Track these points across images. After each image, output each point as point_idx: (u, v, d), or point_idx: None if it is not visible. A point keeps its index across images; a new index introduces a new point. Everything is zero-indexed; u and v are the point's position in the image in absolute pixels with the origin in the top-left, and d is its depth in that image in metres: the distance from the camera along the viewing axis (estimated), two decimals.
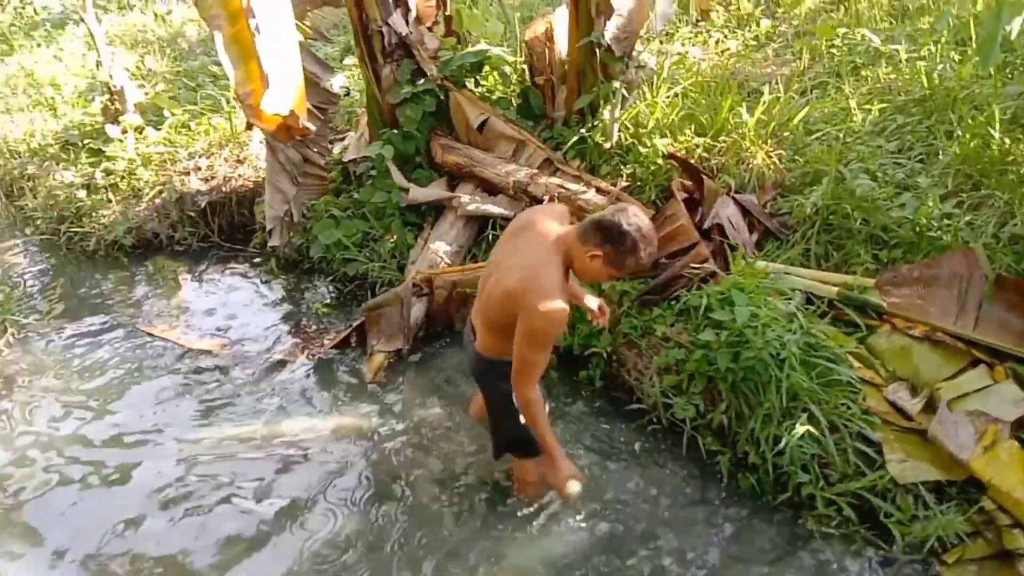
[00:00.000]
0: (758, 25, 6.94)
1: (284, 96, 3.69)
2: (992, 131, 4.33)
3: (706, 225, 4.32)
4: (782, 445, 3.33)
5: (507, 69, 5.68)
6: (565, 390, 4.25)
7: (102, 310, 5.54)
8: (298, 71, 3.83)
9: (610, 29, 4.59)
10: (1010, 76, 4.97)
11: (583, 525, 3.46)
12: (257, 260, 5.98)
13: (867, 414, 3.41)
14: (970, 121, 4.50)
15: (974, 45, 5.39)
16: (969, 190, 4.21)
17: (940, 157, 4.45)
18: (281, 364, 4.74)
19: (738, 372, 3.56)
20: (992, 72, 4.72)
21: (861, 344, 3.69)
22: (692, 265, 4.06)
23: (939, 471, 3.19)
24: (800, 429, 3.27)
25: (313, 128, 3.10)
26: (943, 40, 5.58)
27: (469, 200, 5.09)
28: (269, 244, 5.55)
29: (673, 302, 4.06)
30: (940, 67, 5.20)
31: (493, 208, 5.02)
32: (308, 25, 5.65)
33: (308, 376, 4.62)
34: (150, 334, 5.07)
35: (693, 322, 3.88)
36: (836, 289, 3.88)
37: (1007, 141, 4.28)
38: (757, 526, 3.38)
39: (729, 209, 4.39)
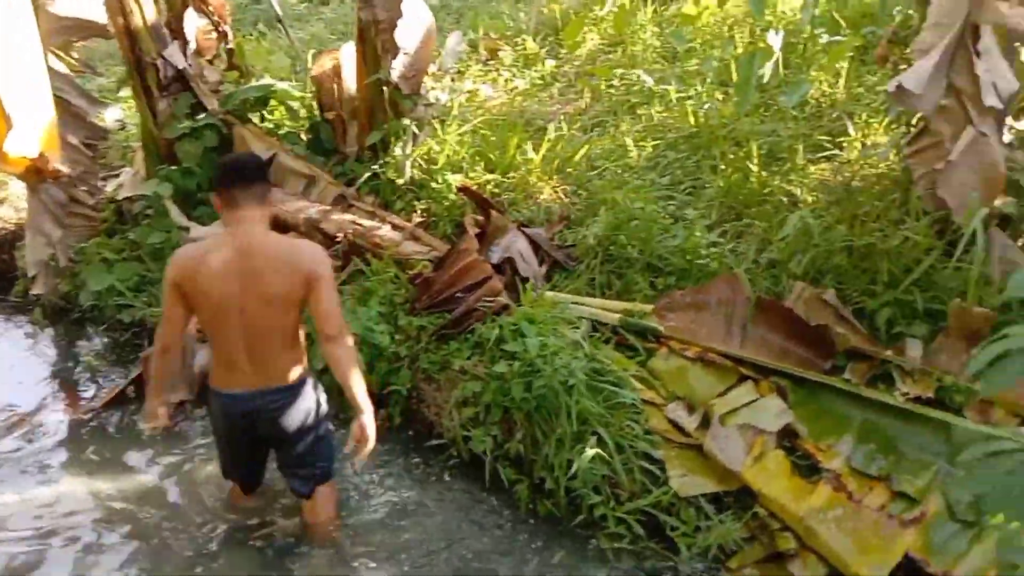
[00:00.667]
0: (544, 65, 7.24)
1: (31, 137, 3.39)
2: (751, 165, 4.76)
3: (496, 259, 4.41)
4: (574, 469, 3.43)
5: (295, 104, 5.57)
6: None
7: None
8: (48, 109, 3.55)
9: (396, 67, 4.64)
10: (765, 115, 5.49)
11: (385, 563, 3.39)
12: (19, 310, 5.44)
13: (650, 433, 3.59)
14: (731, 157, 4.92)
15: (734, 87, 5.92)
16: (732, 220, 4.59)
17: (707, 190, 4.82)
18: (49, 426, 4.31)
19: (531, 401, 3.64)
20: (749, 111, 5.19)
21: (642, 367, 3.89)
22: (486, 298, 4.13)
23: (716, 483, 3.41)
24: (589, 452, 3.39)
25: (66, 170, 2.85)
26: (709, 81, 6.07)
27: None
28: (32, 292, 5.08)
29: (469, 335, 4.11)
30: (706, 106, 5.65)
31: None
32: (76, 57, 5.28)
33: (80, 437, 4.22)
34: None
35: (488, 354, 3.94)
36: (618, 316, 4.08)
37: (764, 174, 4.71)
38: (554, 550, 3.44)
39: (519, 242, 4.52)
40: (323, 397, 3.36)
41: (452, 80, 6.91)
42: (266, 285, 2.97)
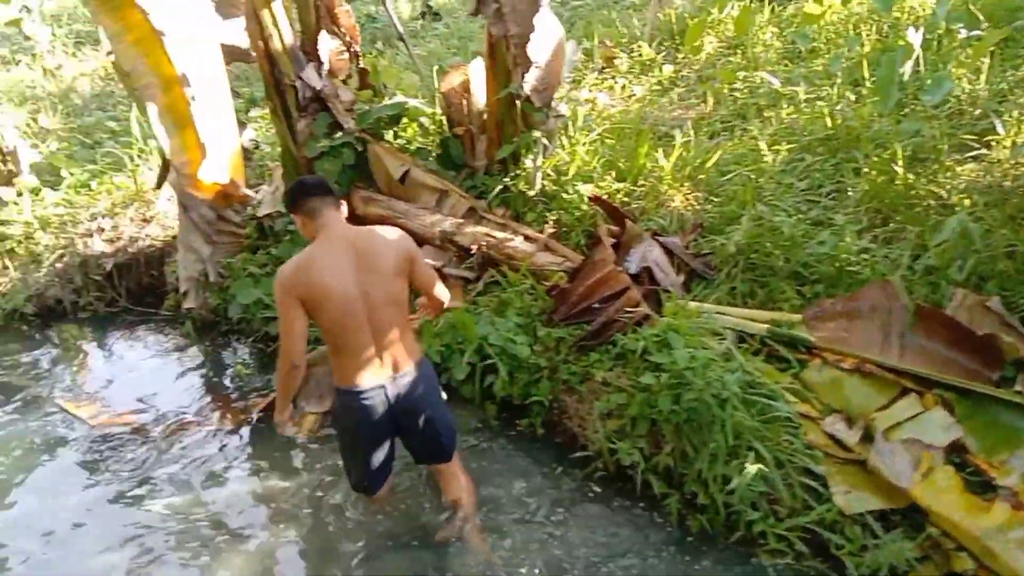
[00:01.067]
0: (661, 71, 7.17)
1: (222, 164, 3.56)
2: (896, 167, 4.58)
3: (634, 269, 4.38)
4: (733, 485, 3.36)
5: (425, 120, 5.67)
6: (506, 441, 4.19)
7: (4, 387, 5.18)
8: (235, 137, 3.72)
9: (529, 81, 4.65)
10: (902, 115, 5.27)
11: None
12: (170, 324, 5.72)
13: (809, 448, 3.49)
14: (875, 159, 4.74)
15: (868, 85, 5.72)
16: (880, 224, 4.42)
17: (850, 194, 4.67)
18: (204, 434, 4.51)
19: (681, 414, 3.59)
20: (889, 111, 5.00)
21: (795, 379, 3.79)
22: (626, 309, 4.10)
23: (882, 500, 3.28)
24: (751, 468, 3.31)
25: (254, 195, 2.98)
26: (839, 80, 5.89)
27: None
28: (184, 306, 5.33)
29: (610, 346, 4.09)
30: (839, 107, 5.48)
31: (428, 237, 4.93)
32: None
33: (234, 444, 4.41)
34: (65, 410, 4.75)
35: (631, 365, 3.91)
36: (765, 326, 3.99)
37: (910, 176, 4.53)
38: (712, 566, 3.39)
39: (655, 251, 4.48)
40: None
41: (568, 90, 6.92)
42: (379, 267, 3.17)
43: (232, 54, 5.29)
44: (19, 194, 6.51)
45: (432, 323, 4.42)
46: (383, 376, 3.24)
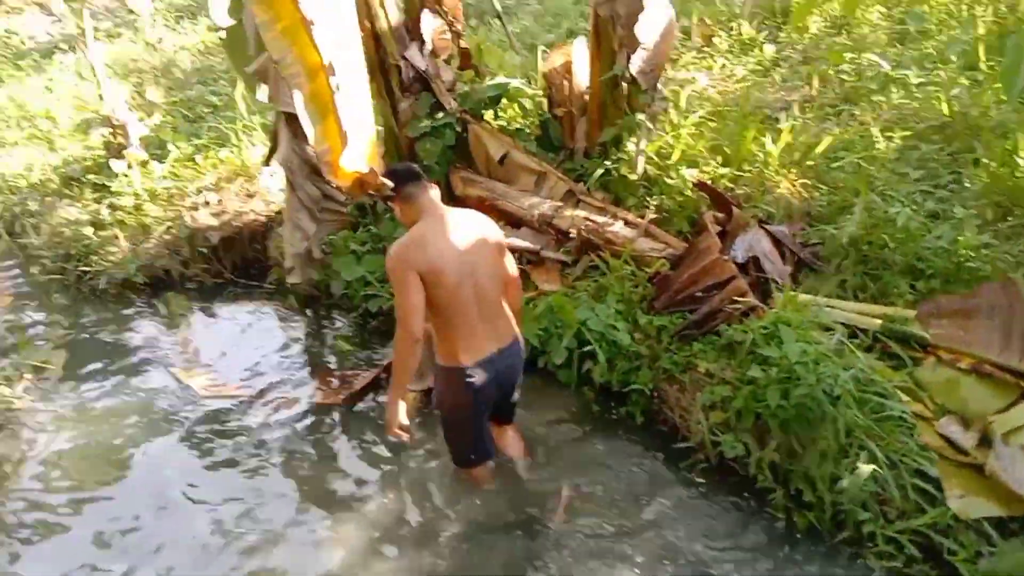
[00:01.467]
0: (762, 51, 6.98)
1: (361, 152, 3.65)
2: (1019, 159, 4.38)
3: (740, 258, 4.31)
4: (843, 484, 3.30)
5: (525, 101, 5.65)
6: (605, 429, 4.20)
7: (117, 353, 5.42)
8: (371, 126, 3.79)
9: (635, 62, 4.59)
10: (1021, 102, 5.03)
11: (647, 567, 3.41)
12: (273, 297, 5.88)
13: (923, 449, 3.40)
14: (996, 149, 4.55)
15: (984, 69, 5.47)
16: (1001, 219, 4.24)
17: (968, 185, 4.49)
18: (307, 408, 4.64)
19: (789, 409, 3.53)
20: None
21: (908, 378, 3.68)
22: (732, 299, 4.04)
23: (1000, 507, 3.18)
24: (864, 468, 3.24)
25: (390, 183, 3.08)
26: (953, 64, 5.65)
27: None
28: (289, 281, 5.46)
29: (714, 337, 4.04)
30: (954, 92, 5.25)
31: (518, 242, 4.96)
32: None
33: (338, 419, 4.52)
34: (177, 379, 4.95)
35: (737, 357, 3.86)
36: (878, 322, 3.89)
37: None
38: (818, 565, 3.34)
39: (763, 241, 4.39)
40: None
41: (667, 69, 6.80)
42: (481, 246, 3.33)
43: None
44: (129, 166, 6.74)
45: (531, 305, 4.44)
46: (492, 349, 3.38)
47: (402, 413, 3.34)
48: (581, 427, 4.20)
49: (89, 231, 6.38)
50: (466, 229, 3.33)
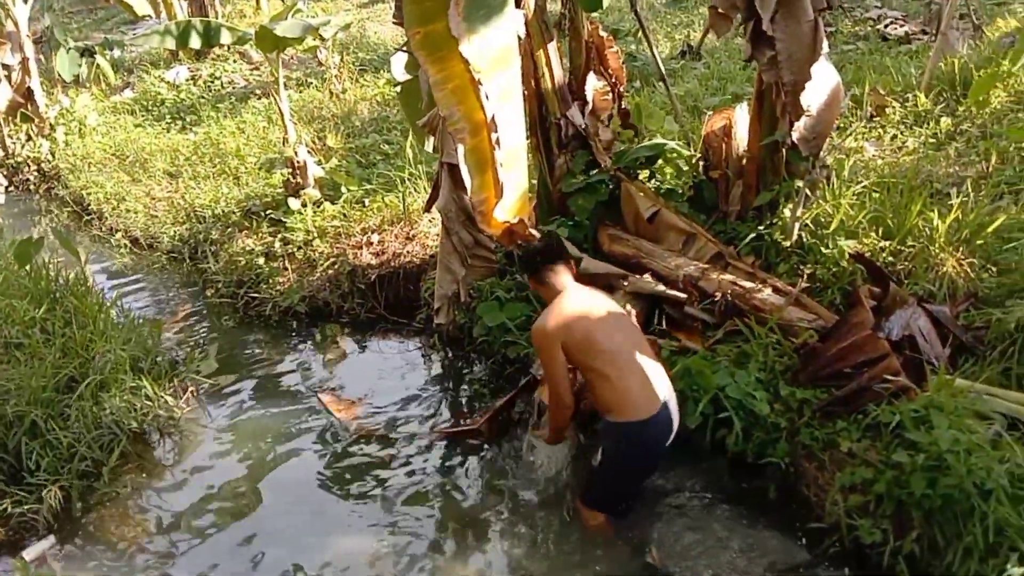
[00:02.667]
0: (938, 123, 6.70)
1: (514, 204, 3.89)
2: None
3: (895, 335, 4.11)
4: None
5: (681, 163, 5.68)
6: (735, 500, 4.09)
7: (275, 375, 5.82)
8: (525, 179, 4.00)
9: (798, 129, 4.53)
10: None
11: None
12: (419, 335, 6.13)
13: None
14: None
15: None
16: None
17: None
18: (444, 445, 4.78)
19: (935, 499, 3.33)
20: None
21: None
22: (882, 378, 3.86)
23: None
24: (1015, 572, 3.00)
25: (536, 233, 3.29)
26: None
27: (641, 279, 5.00)
28: (435, 322, 5.69)
29: (859, 416, 3.87)
30: None
31: (664, 288, 4.91)
32: None
33: (472, 456, 4.65)
34: (326, 408, 5.23)
35: (883, 439, 3.68)
36: None
37: None
38: None
39: (921, 319, 4.18)
40: None
41: (833, 137, 6.64)
42: (620, 314, 3.74)
43: None
44: (304, 205, 7.26)
45: (668, 365, 4.40)
46: (660, 401, 3.53)
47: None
48: (710, 497, 4.10)
49: (261, 261, 6.91)
50: (603, 301, 3.70)
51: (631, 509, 3.86)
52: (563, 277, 3.73)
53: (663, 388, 3.60)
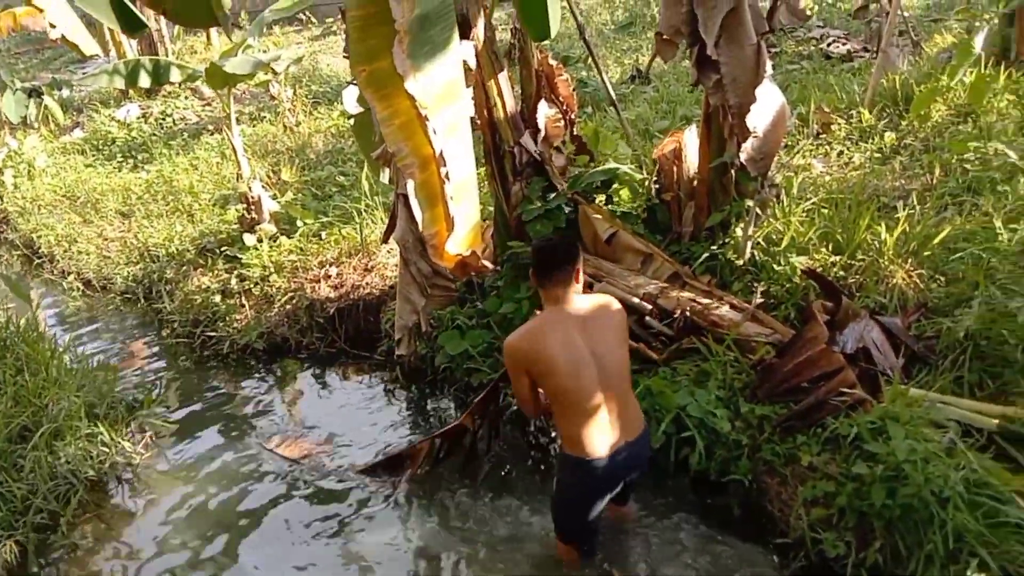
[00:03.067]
0: (882, 138, 6.88)
1: (465, 237, 3.89)
2: None
3: (850, 348, 4.19)
4: None
5: (636, 186, 5.75)
6: (699, 518, 4.11)
7: (235, 415, 5.74)
8: (476, 212, 4.01)
9: (746, 150, 4.61)
10: None
11: None
12: (381, 367, 6.09)
13: None
14: None
15: None
16: None
17: None
18: (409, 480, 4.74)
19: (895, 509, 3.38)
20: None
21: None
22: (839, 391, 3.92)
23: None
24: None
25: (490, 265, 3.26)
26: None
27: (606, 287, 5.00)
28: (396, 353, 5.66)
29: (819, 430, 3.92)
30: None
31: (632, 297, 4.93)
32: None
33: (435, 490, 4.61)
34: (272, 452, 5.16)
35: (842, 452, 3.73)
36: (996, 421, 3.68)
37: None
38: None
39: (874, 332, 4.26)
40: None
41: (780, 155, 6.77)
42: (608, 338, 3.40)
43: None
44: (259, 240, 7.20)
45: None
46: (620, 440, 3.40)
47: None
48: (674, 516, 4.11)
49: (218, 299, 6.84)
50: (590, 319, 3.40)
51: (591, 541, 3.76)
52: (555, 291, 3.41)
53: (622, 431, 3.41)
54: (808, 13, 11.64)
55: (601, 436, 3.35)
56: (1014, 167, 5.63)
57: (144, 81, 7.27)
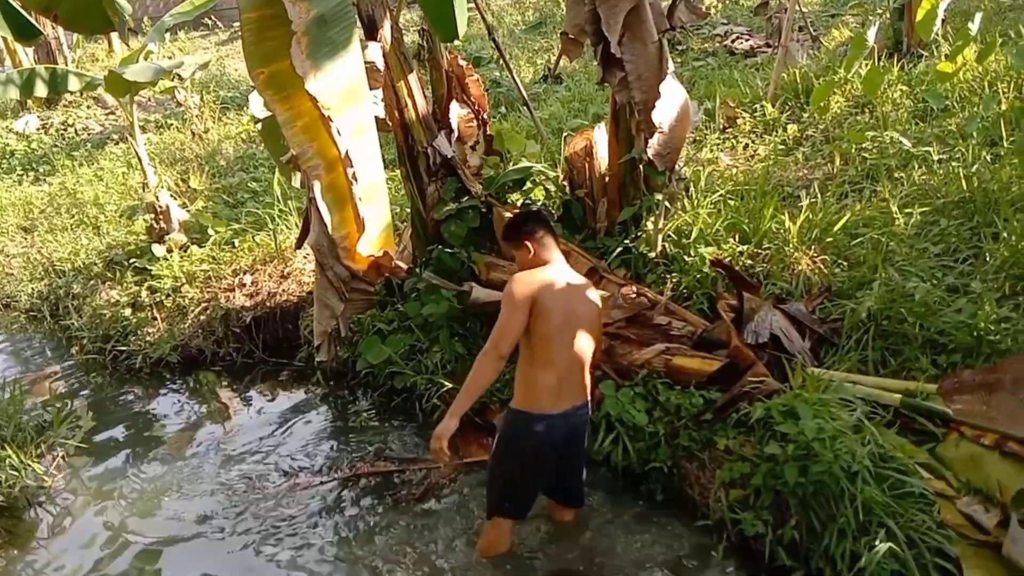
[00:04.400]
0: (785, 130, 7.11)
1: (376, 238, 3.86)
2: None
3: (763, 338, 4.31)
4: (861, 563, 3.24)
5: (549, 184, 5.81)
6: (627, 507, 4.17)
7: (147, 431, 5.58)
8: (387, 213, 3.98)
9: (652, 145, 4.71)
10: None
11: None
12: (302, 375, 6.00)
13: (942, 527, 3.33)
14: (1016, 223, 4.55)
15: (1006, 145, 5.51)
16: (1021, 292, 4.22)
17: (988, 260, 4.48)
18: (329, 487, 4.66)
19: (807, 486, 3.50)
20: None
21: (930, 454, 3.63)
22: (752, 383, 4.04)
23: None
24: (881, 547, 3.19)
25: (403, 265, 3.25)
26: (974, 141, 5.69)
27: None
28: (316, 360, 5.59)
29: (733, 414, 4.03)
30: (975, 168, 5.28)
31: None
32: None
33: (348, 497, 4.56)
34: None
35: (756, 434, 3.85)
36: (898, 396, 3.85)
37: None
38: None
39: (778, 319, 4.40)
40: None
41: (688, 150, 6.94)
42: (587, 309, 3.57)
43: None
44: (169, 250, 7.01)
45: None
46: (568, 404, 3.50)
47: (450, 432, 3.37)
48: (603, 505, 4.17)
49: (128, 312, 6.63)
50: (580, 287, 3.58)
51: (521, 510, 3.73)
52: (553, 252, 3.59)
53: (577, 395, 3.55)
54: (707, 11, 11.95)
55: (561, 393, 3.47)
56: (908, 154, 5.90)
57: (40, 90, 7.00)
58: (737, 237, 5.18)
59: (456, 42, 5.86)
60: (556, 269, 3.56)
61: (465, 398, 3.38)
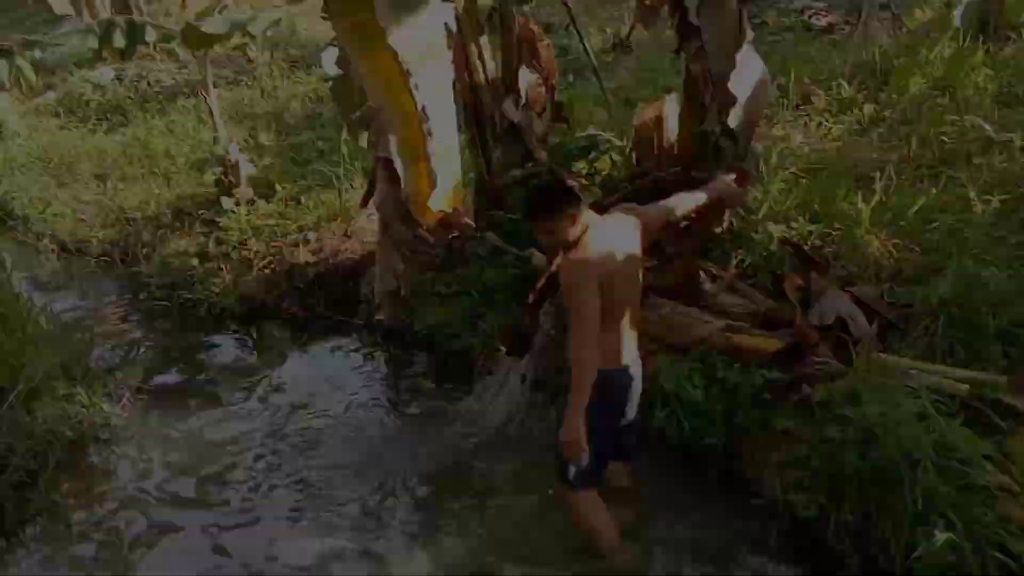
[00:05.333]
0: (861, 110, 6.91)
1: (448, 194, 3.86)
2: None
3: (827, 320, 4.23)
4: (919, 552, 3.19)
5: (615, 154, 5.75)
6: (679, 483, 4.18)
7: (210, 378, 5.74)
8: (458, 172, 3.99)
9: (727, 118, 4.62)
10: None
11: None
12: (361, 332, 6.09)
13: (1006, 522, 3.25)
14: None
15: None
16: None
17: None
18: (386, 439, 4.77)
19: (866, 472, 3.45)
20: None
21: (998, 447, 3.54)
22: (815, 365, 3.97)
23: None
24: (941, 537, 3.13)
25: (471, 223, 3.24)
26: None
27: None
28: (376, 318, 5.67)
29: (792, 394, 3.98)
30: None
31: None
32: None
33: (409, 446, 4.67)
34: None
35: (816, 416, 3.79)
36: (966, 387, 3.75)
37: None
38: None
39: (846, 302, 4.31)
40: None
41: (762, 125, 6.79)
42: (633, 259, 3.49)
43: None
44: (237, 204, 7.15)
45: None
46: (630, 358, 3.53)
47: (580, 431, 3.27)
48: (654, 482, 4.16)
49: (195, 262, 6.81)
50: (622, 238, 3.46)
51: (599, 476, 3.64)
52: (584, 213, 3.36)
53: (632, 351, 3.54)
54: None
55: (629, 347, 3.49)
56: (989, 140, 5.69)
57: (118, 41, 7.11)
58: (807, 216, 5.08)
59: (527, 6, 5.81)
60: (597, 229, 3.37)
61: (577, 395, 3.26)
